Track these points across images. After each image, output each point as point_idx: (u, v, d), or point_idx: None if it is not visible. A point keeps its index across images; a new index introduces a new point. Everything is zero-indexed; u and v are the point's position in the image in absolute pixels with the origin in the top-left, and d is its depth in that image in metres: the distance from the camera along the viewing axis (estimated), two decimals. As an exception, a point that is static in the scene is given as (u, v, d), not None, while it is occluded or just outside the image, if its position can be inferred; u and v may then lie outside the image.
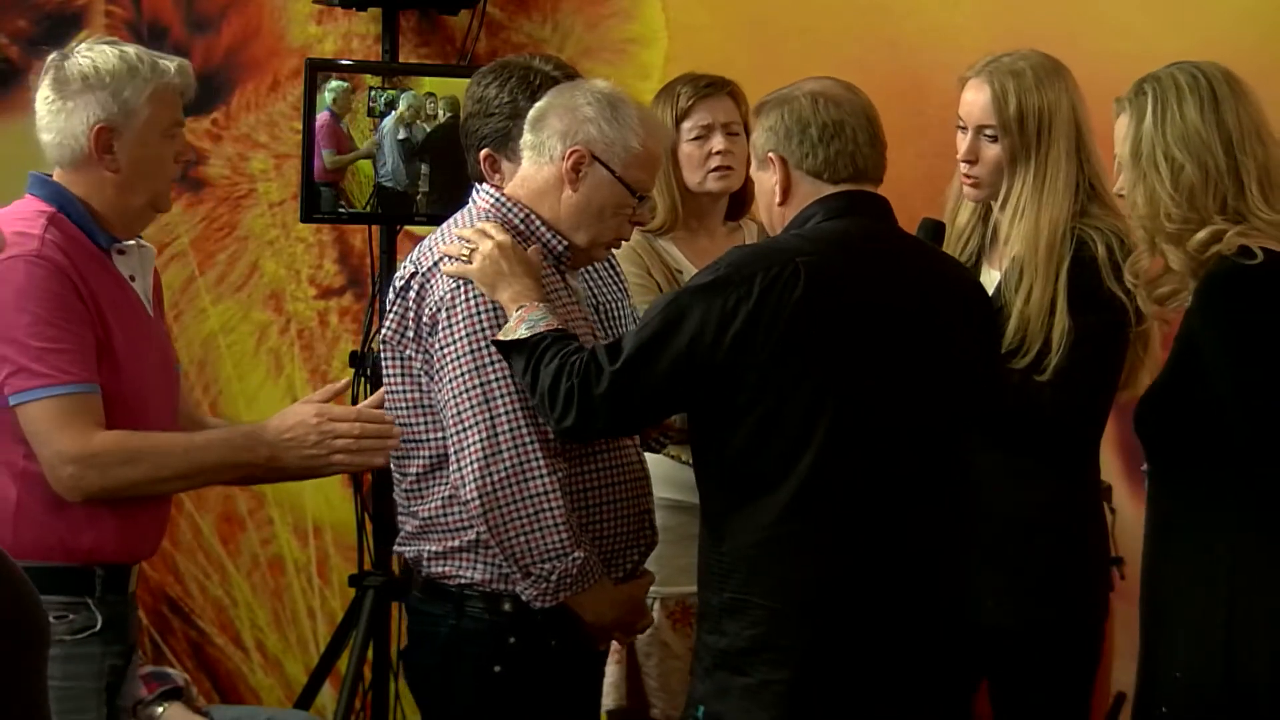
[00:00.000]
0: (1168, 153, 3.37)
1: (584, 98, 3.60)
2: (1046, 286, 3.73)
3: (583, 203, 3.60)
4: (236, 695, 5.59)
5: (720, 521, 3.32)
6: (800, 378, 3.23)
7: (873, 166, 3.39)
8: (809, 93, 3.38)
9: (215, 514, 5.56)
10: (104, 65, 3.46)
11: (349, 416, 3.52)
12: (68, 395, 3.36)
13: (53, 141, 3.49)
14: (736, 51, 4.99)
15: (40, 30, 5.45)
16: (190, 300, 5.55)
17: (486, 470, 3.47)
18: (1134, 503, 4.43)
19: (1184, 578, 3.36)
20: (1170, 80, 3.41)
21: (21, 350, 3.37)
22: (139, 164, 3.49)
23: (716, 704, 3.32)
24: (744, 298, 3.22)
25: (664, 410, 3.49)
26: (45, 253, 3.39)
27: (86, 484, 3.38)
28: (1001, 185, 3.83)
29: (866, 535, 3.29)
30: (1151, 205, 3.38)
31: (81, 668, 3.40)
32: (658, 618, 4.30)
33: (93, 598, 3.43)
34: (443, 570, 3.59)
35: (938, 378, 3.35)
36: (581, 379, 3.32)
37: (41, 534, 3.40)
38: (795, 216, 3.38)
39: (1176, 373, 3.36)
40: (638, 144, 3.59)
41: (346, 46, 5.42)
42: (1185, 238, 3.35)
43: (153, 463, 3.43)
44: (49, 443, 3.37)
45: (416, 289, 3.57)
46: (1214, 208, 3.35)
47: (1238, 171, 3.35)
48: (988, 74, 3.82)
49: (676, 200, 4.43)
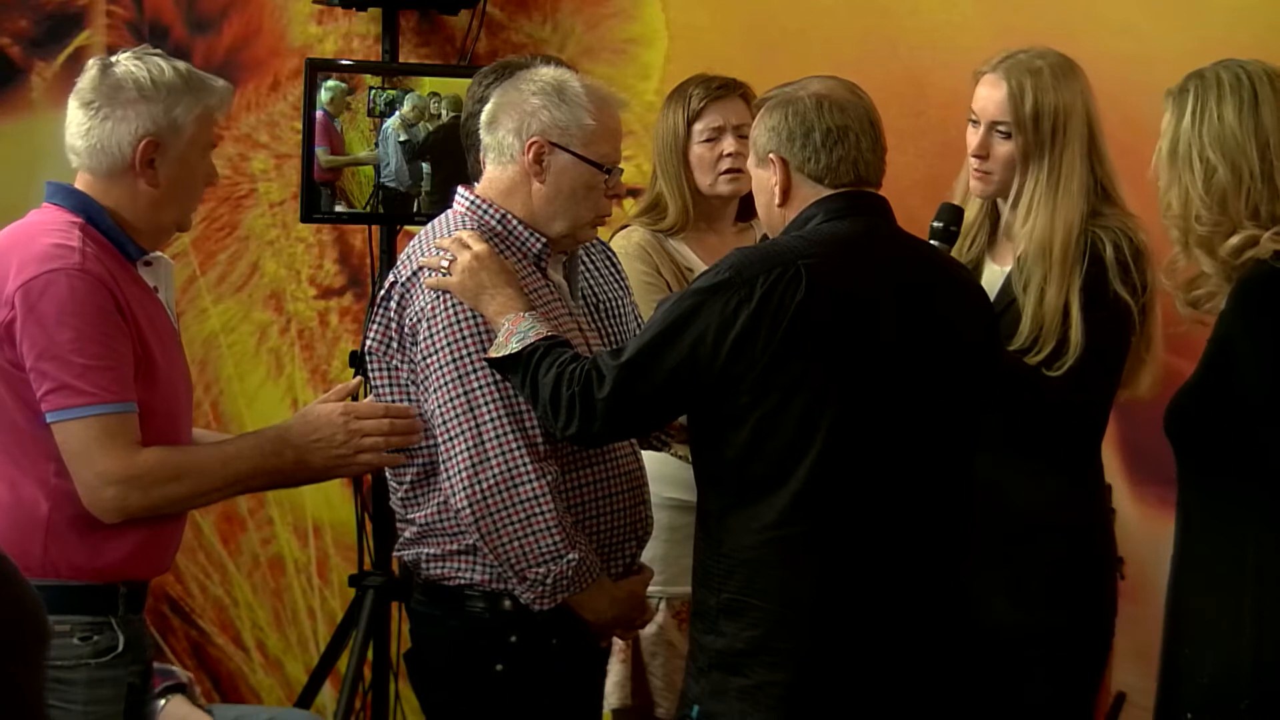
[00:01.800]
0: (1202, 154, 3.32)
1: (528, 89, 3.61)
2: (1061, 287, 3.72)
3: (552, 192, 3.60)
4: (237, 695, 5.60)
5: (719, 522, 3.31)
6: (801, 379, 3.22)
7: (874, 172, 3.38)
8: (814, 94, 3.37)
9: (216, 514, 5.56)
10: (160, 78, 3.39)
11: (377, 413, 3.51)
12: (110, 415, 3.29)
13: (88, 147, 3.40)
14: (737, 51, 4.99)
15: (41, 30, 5.45)
16: (191, 300, 5.55)
17: (475, 478, 3.47)
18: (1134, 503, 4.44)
19: (1210, 582, 3.32)
20: (1214, 78, 3.36)
21: (64, 367, 3.28)
22: (177, 181, 3.42)
23: (712, 704, 3.31)
24: (745, 300, 3.22)
25: (666, 414, 3.47)
26: (87, 266, 3.31)
27: (131, 504, 3.32)
28: (1011, 182, 3.83)
29: (867, 538, 3.28)
30: (1185, 206, 3.34)
31: (107, 691, 3.34)
32: (663, 617, 4.30)
33: (116, 617, 3.36)
34: (442, 572, 3.59)
35: (939, 380, 3.34)
36: (583, 386, 3.31)
37: (72, 551, 3.33)
38: (795, 217, 3.37)
39: (1209, 375, 3.33)
40: (591, 120, 3.59)
41: (347, 46, 5.42)
42: (1216, 242, 3.32)
43: (195, 479, 3.37)
44: (91, 464, 3.29)
45: (397, 299, 3.58)
46: (1245, 212, 3.31)
47: (1273, 176, 3.31)
48: (1005, 70, 3.80)
49: (688, 201, 4.43)
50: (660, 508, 3.84)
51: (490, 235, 3.58)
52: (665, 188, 4.45)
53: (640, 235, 4.41)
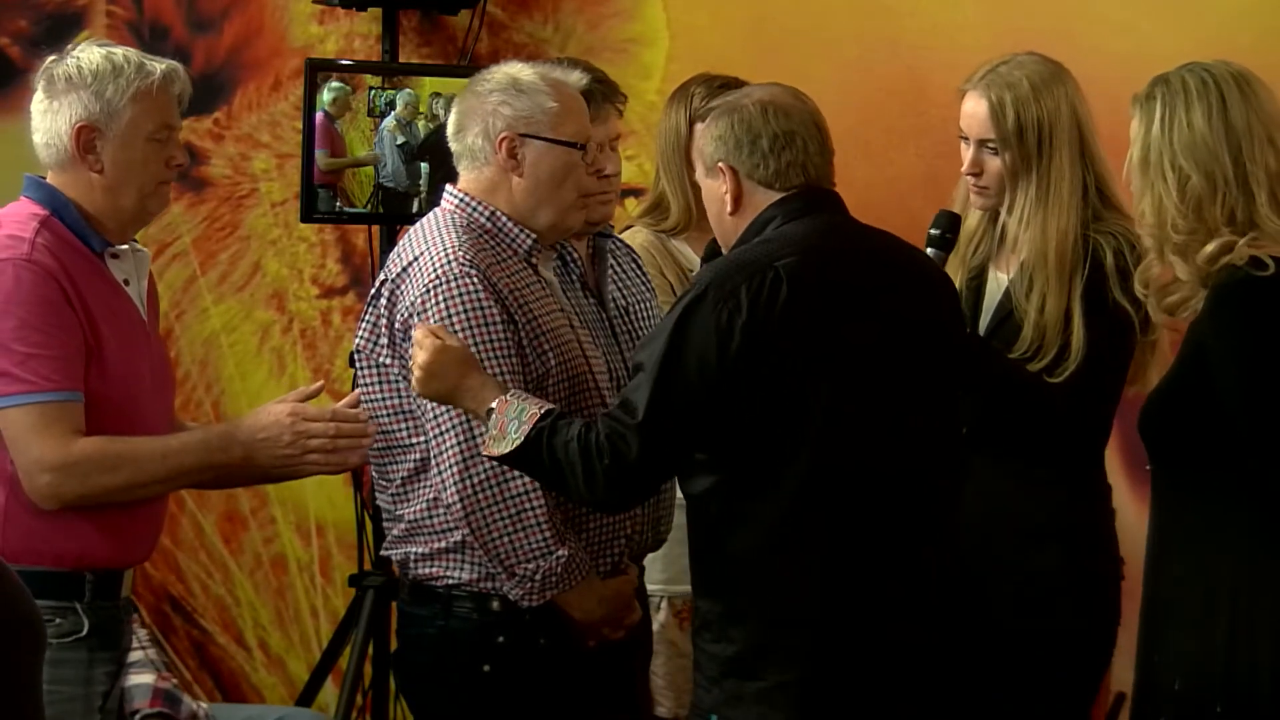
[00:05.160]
0: (1174, 162, 3.31)
1: (484, 89, 3.64)
2: (1060, 295, 3.72)
3: (532, 182, 3.62)
4: (239, 694, 5.60)
5: (719, 526, 3.31)
6: (793, 378, 3.22)
7: (823, 175, 3.38)
8: (758, 101, 3.37)
9: (218, 513, 5.57)
10: (88, 65, 3.45)
11: (323, 417, 3.52)
12: (48, 403, 3.35)
13: (41, 142, 3.49)
14: (737, 51, 4.99)
15: (41, 30, 5.46)
16: (192, 300, 5.56)
17: (466, 473, 3.48)
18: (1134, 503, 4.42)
19: (1185, 581, 3.34)
20: (1180, 84, 3.34)
21: (4, 355, 3.36)
22: (122, 165, 3.47)
23: (729, 711, 3.30)
24: (735, 311, 3.21)
25: (697, 445, 3.33)
26: (35, 256, 3.38)
27: (64, 492, 3.38)
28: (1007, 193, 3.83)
29: (867, 530, 3.28)
30: (1158, 215, 3.33)
31: (67, 672, 3.39)
32: (664, 616, 4.30)
33: (82, 603, 3.42)
34: (430, 571, 3.60)
35: (923, 365, 3.35)
36: (613, 457, 3.23)
37: (29, 539, 3.39)
38: (752, 223, 3.37)
39: (1182, 378, 3.33)
40: (552, 102, 3.62)
41: (348, 46, 5.43)
42: (1192, 250, 3.30)
43: (131, 469, 3.42)
44: (27, 450, 3.36)
45: (387, 295, 3.59)
46: (1222, 219, 3.29)
47: (1247, 181, 3.29)
48: (984, 86, 3.79)
49: (690, 201, 4.43)
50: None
51: (480, 232, 3.60)
52: (668, 187, 4.45)
53: (643, 237, 4.41)
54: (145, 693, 3.66)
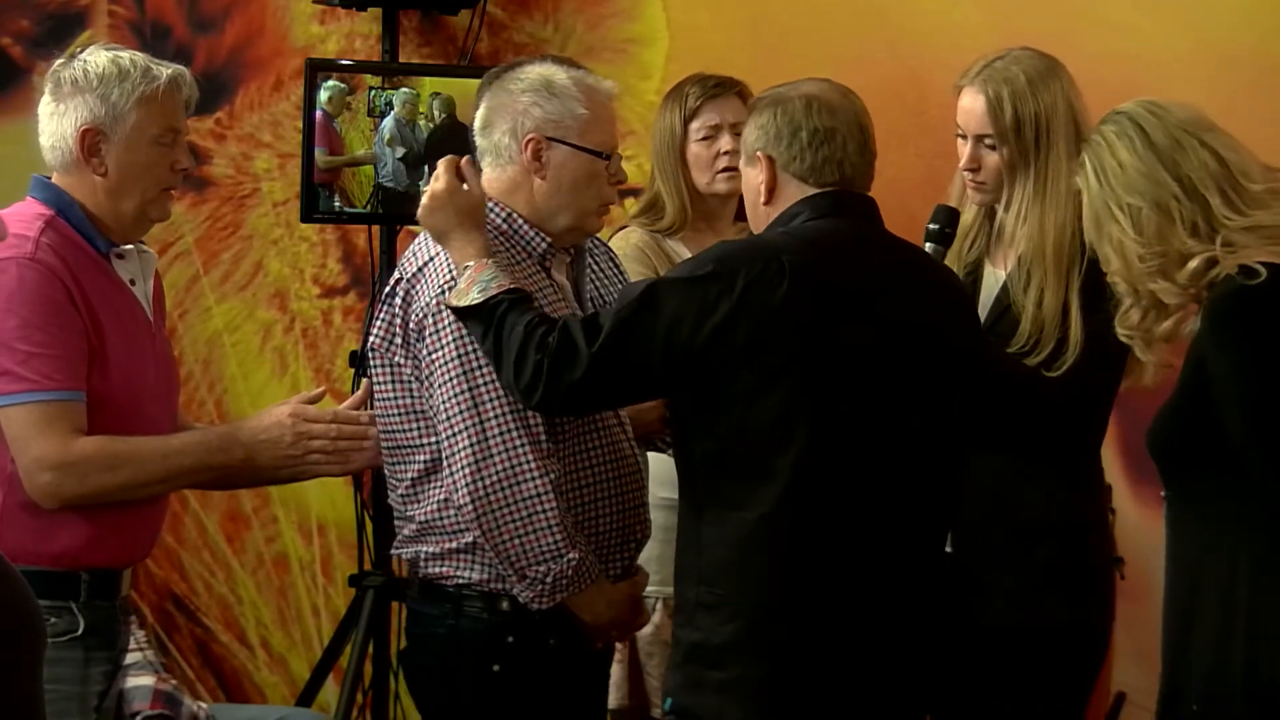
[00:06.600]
0: (1121, 203, 3.29)
1: (517, 88, 3.62)
2: (1059, 289, 3.72)
3: (554, 186, 3.61)
4: (241, 692, 5.61)
5: (699, 516, 3.32)
6: (782, 375, 3.23)
7: (860, 175, 3.39)
8: (804, 95, 3.38)
9: (220, 512, 5.58)
10: (94, 69, 3.47)
11: (324, 418, 3.53)
12: (49, 402, 3.36)
13: (47, 145, 3.50)
14: (737, 51, 5.00)
15: (43, 30, 5.47)
16: (194, 299, 5.57)
17: (478, 474, 3.48)
18: (1134, 503, 4.44)
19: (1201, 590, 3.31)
20: (1099, 137, 3.35)
21: (7, 353, 3.37)
22: (126, 169, 3.48)
23: (686, 697, 3.32)
24: (726, 292, 3.23)
25: (636, 395, 3.47)
26: (39, 256, 3.39)
27: (64, 491, 3.39)
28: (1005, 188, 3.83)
29: (847, 534, 3.28)
30: (1123, 256, 3.32)
31: (63, 671, 3.39)
32: (660, 617, 4.31)
33: (77, 602, 3.43)
34: (440, 571, 3.60)
35: (921, 381, 3.35)
36: (554, 358, 3.30)
37: (26, 537, 3.39)
38: (780, 214, 3.38)
39: (1188, 395, 3.30)
40: (583, 109, 3.60)
41: (349, 46, 5.43)
42: (1171, 270, 3.30)
43: (132, 469, 3.43)
44: (28, 449, 3.37)
45: (402, 295, 3.58)
46: (1186, 234, 3.28)
47: (1196, 189, 3.29)
48: (981, 82, 3.80)
49: (686, 201, 4.44)
50: (657, 508, 3.84)
51: (495, 234, 3.59)
52: (663, 186, 4.46)
53: (638, 236, 4.42)
54: (145, 695, 3.67)
